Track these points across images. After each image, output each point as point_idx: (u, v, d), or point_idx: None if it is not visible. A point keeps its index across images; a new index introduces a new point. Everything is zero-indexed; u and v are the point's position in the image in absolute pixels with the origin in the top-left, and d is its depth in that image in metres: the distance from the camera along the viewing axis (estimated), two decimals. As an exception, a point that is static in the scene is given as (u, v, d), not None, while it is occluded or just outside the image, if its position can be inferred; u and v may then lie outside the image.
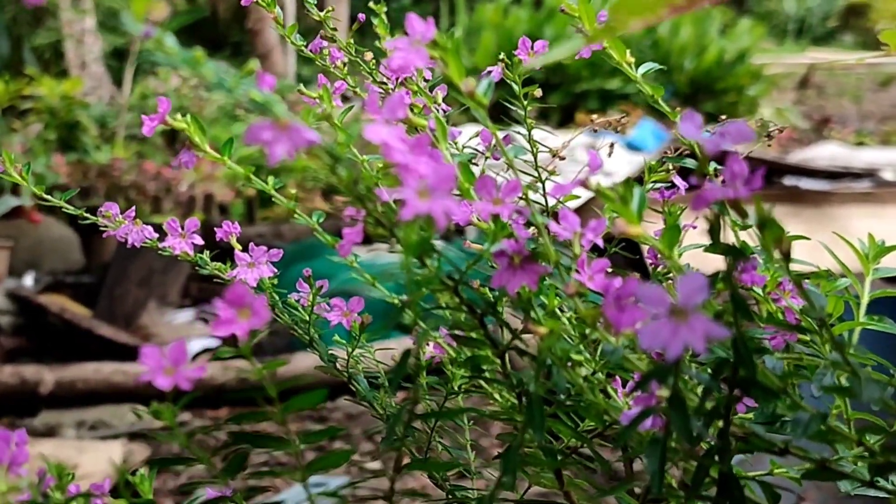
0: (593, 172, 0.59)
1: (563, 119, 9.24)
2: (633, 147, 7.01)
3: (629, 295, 0.51)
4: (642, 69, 0.87)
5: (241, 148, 0.73)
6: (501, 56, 0.89)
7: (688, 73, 10.14)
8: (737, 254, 0.49)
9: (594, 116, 1.03)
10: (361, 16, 0.97)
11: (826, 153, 7.80)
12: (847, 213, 6.03)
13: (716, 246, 0.50)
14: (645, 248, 0.80)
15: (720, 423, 0.54)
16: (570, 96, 9.68)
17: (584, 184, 0.57)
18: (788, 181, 6.62)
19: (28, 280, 5.18)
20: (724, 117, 0.98)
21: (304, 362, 3.03)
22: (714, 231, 0.50)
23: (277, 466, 2.81)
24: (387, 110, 0.57)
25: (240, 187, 6.57)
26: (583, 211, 0.67)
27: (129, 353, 4.05)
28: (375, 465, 3.19)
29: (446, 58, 0.58)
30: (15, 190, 5.07)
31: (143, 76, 8.25)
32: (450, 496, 0.81)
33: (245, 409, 0.59)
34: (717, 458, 0.54)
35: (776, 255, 0.49)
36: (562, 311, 0.67)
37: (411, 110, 0.89)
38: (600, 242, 0.62)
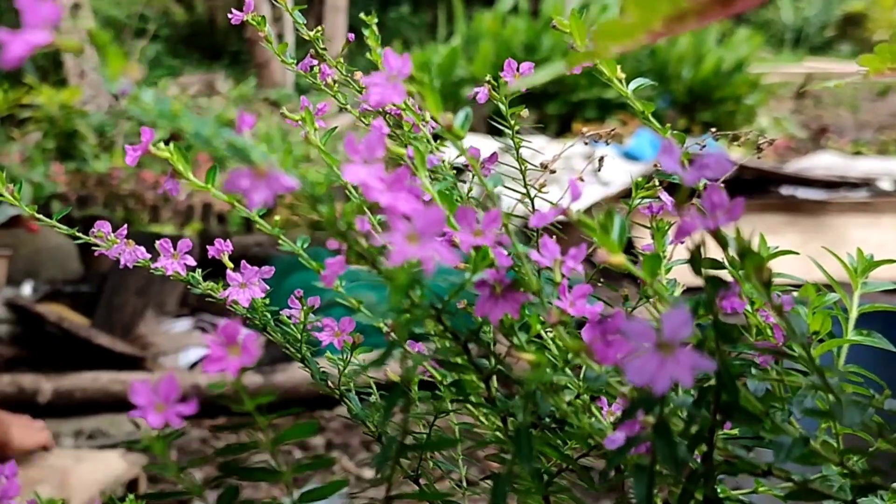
0: (574, 200, 0.60)
1: (562, 128, 9.25)
2: (630, 157, 7.03)
3: (615, 329, 0.52)
4: (633, 84, 0.87)
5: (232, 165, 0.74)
6: (488, 77, 0.90)
7: (685, 82, 10.15)
8: (717, 283, 0.50)
9: (584, 129, 1.04)
10: (351, 35, 0.98)
11: (823, 163, 7.82)
12: (844, 222, 6.06)
13: (697, 275, 0.51)
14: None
15: (704, 447, 0.55)
16: (567, 105, 9.69)
17: (563, 213, 0.58)
18: (786, 191, 6.65)
19: (26, 289, 5.19)
20: (713, 130, 0.99)
21: (300, 373, 3.03)
22: (695, 261, 0.51)
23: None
24: (364, 150, 0.58)
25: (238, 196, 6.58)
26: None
27: (127, 363, 4.06)
28: (372, 474, 3.19)
29: (423, 92, 0.59)
30: (13, 199, 5.07)
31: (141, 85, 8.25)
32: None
33: (243, 418, 0.59)
34: (701, 481, 0.55)
35: (756, 283, 0.50)
36: (546, 333, 0.68)
37: (400, 127, 0.90)
38: (580, 269, 0.63)
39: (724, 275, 0.55)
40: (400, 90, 0.58)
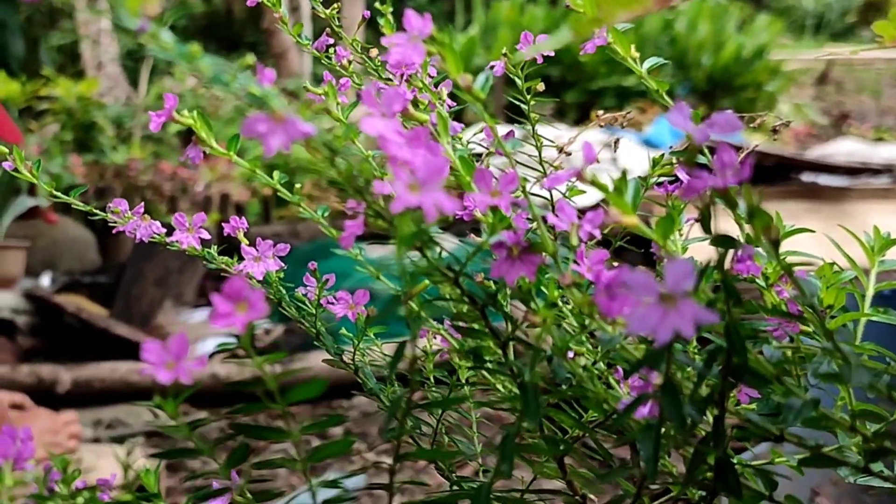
0: (589, 163, 0.59)
1: (580, 117, 9.22)
2: (649, 144, 6.99)
3: (619, 283, 0.51)
4: (647, 63, 0.87)
5: (255, 147, 0.74)
6: (504, 50, 0.90)
7: (705, 69, 10.11)
8: (727, 242, 0.50)
9: (600, 112, 1.04)
10: (367, 13, 0.98)
11: (844, 149, 7.77)
12: (865, 209, 6.00)
13: (707, 234, 0.51)
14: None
15: (715, 411, 0.55)
16: (586, 94, 9.66)
17: (578, 175, 0.58)
18: (807, 177, 6.60)
19: (45, 280, 5.21)
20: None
21: (318, 362, 3.03)
22: (705, 219, 0.50)
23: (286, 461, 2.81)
24: (384, 103, 0.58)
25: (256, 187, 6.60)
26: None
27: (145, 353, 4.06)
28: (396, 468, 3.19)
29: (444, 53, 0.59)
30: (31, 190, 5.09)
31: (159, 76, 8.28)
32: (453, 487, 0.82)
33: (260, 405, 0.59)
34: (712, 444, 0.54)
35: (765, 243, 0.49)
36: (563, 301, 0.67)
37: (415, 106, 0.90)
38: (598, 233, 0.63)
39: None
40: (420, 50, 0.58)
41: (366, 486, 2.45)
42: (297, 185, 0.89)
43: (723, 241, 0.50)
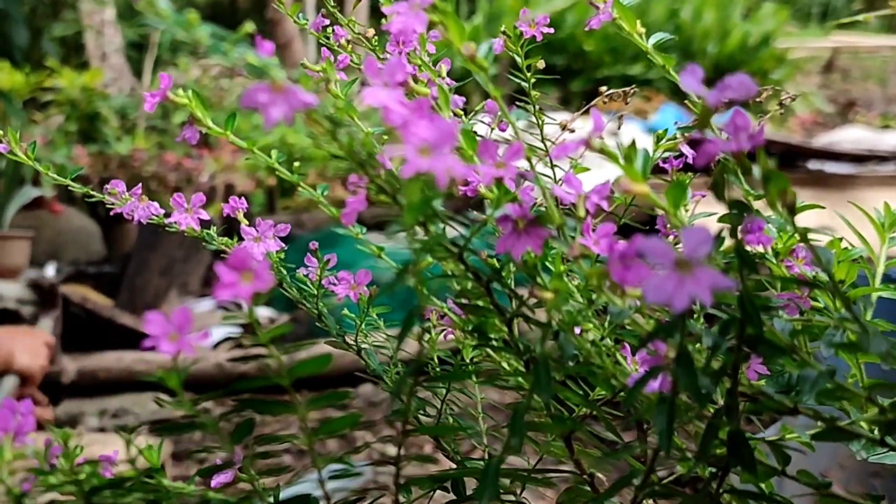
0: (597, 133, 0.58)
1: (586, 105, 9.18)
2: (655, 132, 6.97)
3: (634, 252, 0.50)
4: (653, 39, 0.86)
5: (262, 137, 0.73)
6: (503, 28, 0.89)
7: (711, 57, 10.06)
8: (741, 208, 0.48)
9: (603, 88, 1.03)
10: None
11: (851, 137, 7.74)
12: (872, 196, 5.98)
13: (720, 201, 0.49)
14: (657, 217, 0.80)
15: (728, 384, 0.53)
16: (592, 82, 9.62)
17: (587, 143, 0.56)
18: (813, 165, 6.58)
19: (49, 270, 5.20)
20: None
21: (324, 350, 3.02)
22: (718, 186, 0.49)
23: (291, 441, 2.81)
24: (386, 73, 0.57)
25: (260, 177, 6.59)
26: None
27: (150, 342, 4.06)
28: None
29: (446, 21, 0.58)
30: (36, 180, 5.09)
31: (163, 67, 8.26)
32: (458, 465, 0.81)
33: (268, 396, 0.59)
34: (725, 417, 0.53)
35: (780, 208, 0.48)
36: (569, 274, 0.66)
37: (414, 81, 0.88)
38: (606, 205, 0.61)
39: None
40: (422, 18, 0.57)
41: (372, 476, 2.45)
42: (296, 163, 0.88)
43: (737, 206, 0.48)
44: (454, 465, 0.82)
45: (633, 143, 0.54)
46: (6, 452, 0.59)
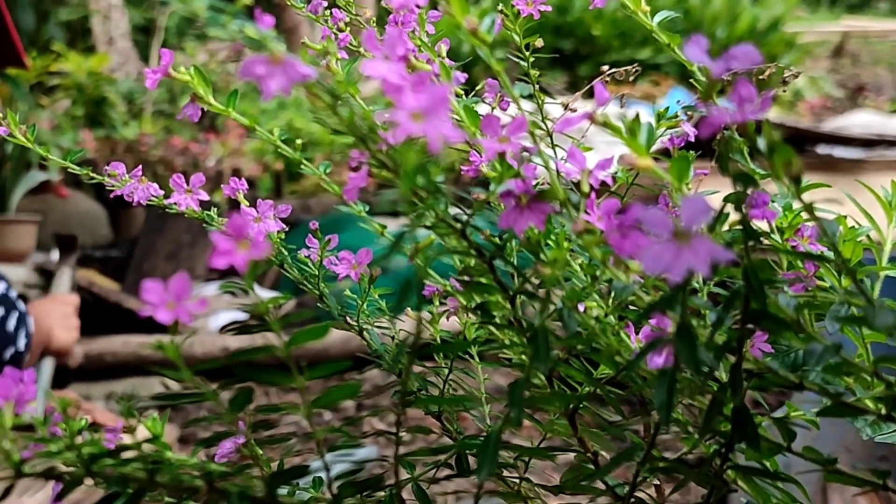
0: (601, 106, 0.57)
1: (593, 90, 9.16)
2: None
3: (632, 221, 0.49)
4: (658, 17, 0.85)
5: (269, 121, 0.73)
6: (500, 6, 0.88)
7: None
8: (747, 180, 0.48)
9: (605, 67, 1.02)
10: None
11: (860, 121, 7.70)
12: (881, 180, 5.95)
13: (724, 173, 0.48)
14: (659, 198, 0.79)
15: (733, 359, 0.53)
16: (599, 67, 9.60)
17: (590, 117, 0.56)
18: (822, 150, 6.55)
19: (56, 255, 5.20)
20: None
21: (331, 335, 3.03)
22: (723, 158, 0.48)
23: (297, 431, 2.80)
24: (387, 46, 0.56)
25: (267, 162, 6.59)
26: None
27: (157, 326, 4.07)
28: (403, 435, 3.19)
29: (447, -7, 0.57)
30: (42, 165, 5.08)
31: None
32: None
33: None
34: (729, 392, 0.52)
35: (786, 180, 0.47)
36: (572, 252, 0.66)
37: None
38: (610, 181, 0.61)
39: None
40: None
41: (378, 457, 2.45)
42: (298, 140, 0.87)
43: (742, 178, 0.47)
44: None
45: (637, 116, 0.53)
46: (6, 420, 0.58)
